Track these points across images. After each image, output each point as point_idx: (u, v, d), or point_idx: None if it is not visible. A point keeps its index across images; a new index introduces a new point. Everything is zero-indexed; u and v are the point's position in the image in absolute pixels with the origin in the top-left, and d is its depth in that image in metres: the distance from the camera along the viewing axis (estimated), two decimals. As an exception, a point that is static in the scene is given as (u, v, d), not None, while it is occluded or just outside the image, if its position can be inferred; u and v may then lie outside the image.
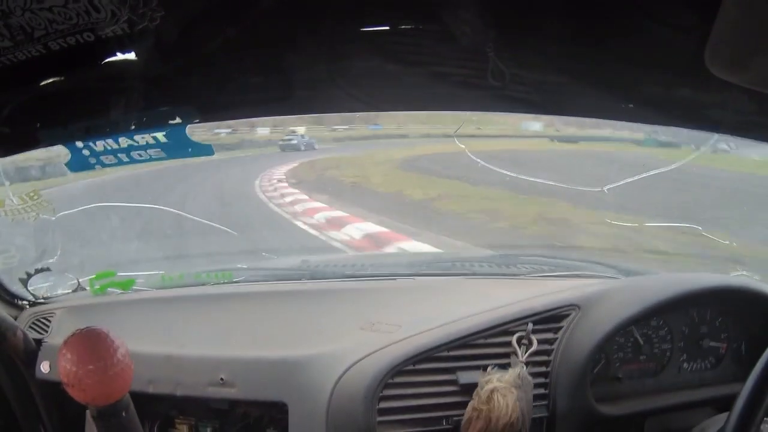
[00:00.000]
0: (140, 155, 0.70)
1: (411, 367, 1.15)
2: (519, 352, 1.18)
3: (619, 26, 0.60)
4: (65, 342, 0.89)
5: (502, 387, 1.09)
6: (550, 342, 1.22)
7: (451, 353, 1.18)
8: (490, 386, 1.09)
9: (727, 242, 1.89)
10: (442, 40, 0.60)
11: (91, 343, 0.88)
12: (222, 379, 1.19)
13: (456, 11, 0.57)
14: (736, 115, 0.70)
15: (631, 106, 0.72)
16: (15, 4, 0.50)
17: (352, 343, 1.21)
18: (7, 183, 1.27)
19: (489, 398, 1.08)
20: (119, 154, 0.71)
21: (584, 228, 4.40)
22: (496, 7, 0.58)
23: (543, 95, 0.69)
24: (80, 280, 1.49)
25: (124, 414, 0.91)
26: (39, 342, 1.31)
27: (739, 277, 1.54)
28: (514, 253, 2.41)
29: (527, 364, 1.16)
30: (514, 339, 1.20)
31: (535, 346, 1.19)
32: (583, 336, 1.21)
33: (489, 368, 1.15)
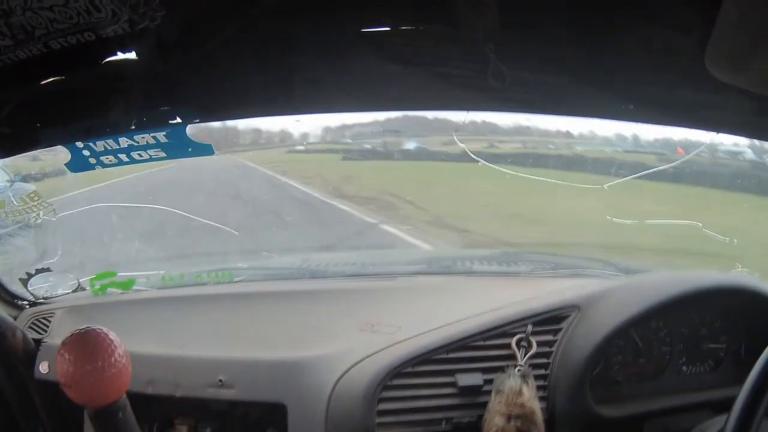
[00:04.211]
0: (140, 155, 0.70)
1: (410, 369, 1.15)
2: (518, 355, 1.17)
3: (620, 27, 0.60)
4: (63, 342, 0.88)
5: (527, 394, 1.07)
6: (549, 344, 1.22)
7: (450, 355, 1.18)
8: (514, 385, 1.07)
9: (727, 239, 1.88)
10: (443, 41, 0.60)
11: (89, 344, 0.88)
12: (221, 380, 1.19)
13: (457, 12, 0.57)
14: (735, 116, 0.70)
15: (631, 106, 0.72)
16: (16, 3, 0.50)
17: (352, 344, 1.21)
18: (8, 184, 1.27)
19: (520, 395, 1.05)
20: (119, 154, 0.71)
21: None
22: (497, 8, 0.58)
23: (543, 95, 0.69)
24: (80, 280, 1.49)
25: (120, 415, 0.91)
26: (38, 342, 1.31)
27: (739, 275, 1.53)
28: (514, 251, 2.40)
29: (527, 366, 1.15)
30: (513, 341, 1.19)
31: (534, 349, 1.18)
32: (583, 338, 1.20)
33: (508, 370, 1.13)
